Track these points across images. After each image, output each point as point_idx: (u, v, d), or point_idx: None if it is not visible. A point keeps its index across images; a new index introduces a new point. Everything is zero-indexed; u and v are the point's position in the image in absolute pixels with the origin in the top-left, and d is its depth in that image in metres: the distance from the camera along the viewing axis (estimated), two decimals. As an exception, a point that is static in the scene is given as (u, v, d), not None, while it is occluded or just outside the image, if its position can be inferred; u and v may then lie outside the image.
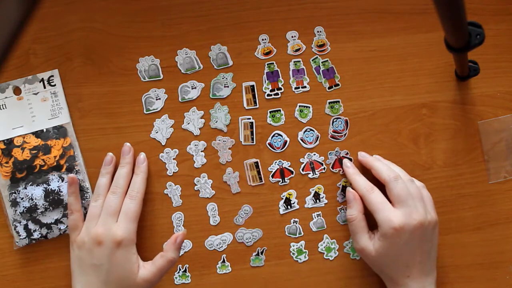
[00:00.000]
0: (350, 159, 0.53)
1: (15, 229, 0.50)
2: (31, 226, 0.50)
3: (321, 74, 0.53)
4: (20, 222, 0.50)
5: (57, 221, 0.50)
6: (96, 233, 0.46)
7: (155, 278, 0.46)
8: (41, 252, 0.51)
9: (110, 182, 0.50)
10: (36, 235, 0.50)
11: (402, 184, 0.47)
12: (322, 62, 0.53)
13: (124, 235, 0.46)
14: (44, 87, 0.51)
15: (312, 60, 0.53)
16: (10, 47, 0.20)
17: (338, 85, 0.53)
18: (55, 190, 0.50)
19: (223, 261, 0.52)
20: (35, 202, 0.50)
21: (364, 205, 0.49)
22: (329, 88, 0.53)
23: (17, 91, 0.51)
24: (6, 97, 0.51)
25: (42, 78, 0.51)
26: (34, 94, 0.51)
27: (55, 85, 0.51)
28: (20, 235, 0.50)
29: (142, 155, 0.51)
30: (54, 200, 0.50)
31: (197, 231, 0.52)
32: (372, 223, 0.48)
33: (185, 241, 0.52)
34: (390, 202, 0.47)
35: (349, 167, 0.52)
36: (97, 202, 0.48)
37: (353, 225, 0.49)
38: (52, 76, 0.51)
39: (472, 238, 0.53)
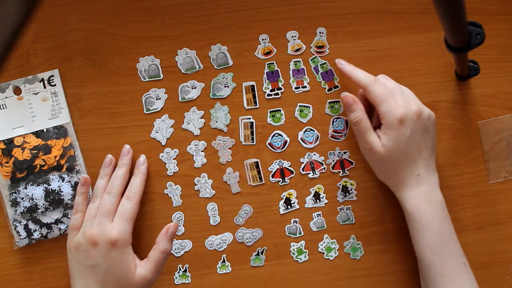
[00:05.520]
0: (351, 162, 0.53)
1: (15, 229, 0.50)
2: (31, 226, 0.50)
3: (320, 75, 0.53)
4: (20, 222, 0.50)
5: (57, 221, 0.50)
6: (91, 234, 0.46)
7: (152, 274, 0.46)
8: (41, 252, 0.51)
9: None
10: (36, 235, 0.50)
11: (383, 84, 0.48)
12: (320, 65, 0.53)
13: (119, 236, 0.45)
14: (44, 87, 0.51)
15: (311, 60, 0.53)
16: (10, 47, 0.20)
17: (337, 87, 0.53)
18: (55, 190, 0.50)
19: (223, 261, 0.52)
20: (36, 202, 0.50)
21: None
22: (328, 90, 0.53)
23: (17, 91, 0.51)
24: (6, 97, 0.51)
25: (42, 78, 0.51)
26: (34, 94, 0.51)
27: (55, 85, 0.51)
28: (20, 235, 0.50)
29: (142, 158, 0.51)
30: (54, 200, 0.50)
31: (197, 231, 0.52)
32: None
33: (185, 240, 0.52)
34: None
35: (345, 64, 0.51)
36: (94, 203, 0.48)
37: (360, 126, 0.48)
38: (52, 76, 0.51)
39: (472, 238, 0.53)
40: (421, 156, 0.47)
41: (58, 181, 0.50)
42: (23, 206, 0.50)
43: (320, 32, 0.53)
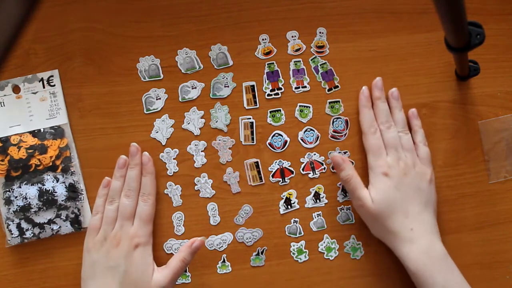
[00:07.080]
0: (352, 162, 0.53)
1: (7, 227, 0.50)
2: (24, 225, 0.50)
3: (320, 75, 0.53)
4: (13, 221, 0.50)
5: (50, 221, 0.50)
6: (114, 237, 0.47)
7: (168, 281, 0.46)
8: (40, 252, 0.51)
9: (123, 184, 0.50)
10: (28, 234, 0.50)
11: (379, 138, 0.49)
12: (320, 65, 0.53)
13: (141, 239, 0.47)
14: (44, 87, 0.51)
15: (311, 60, 0.53)
16: (10, 47, 0.20)
17: (337, 87, 0.53)
18: (49, 190, 0.50)
19: (223, 261, 0.52)
20: (29, 202, 0.50)
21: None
22: (328, 90, 0.53)
23: (16, 89, 0.51)
24: (5, 95, 0.51)
25: (42, 78, 0.51)
26: (33, 93, 0.51)
27: (54, 85, 0.51)
28: (12, 234, 0.50)
29: (146, 155, 0.51)
30: (48, 200, 0.50)
31: (197, 231, 0.52)
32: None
33: (185, 240, 0.52)
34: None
35: (363, 93, 0.51)
36: (112, 205, 0.49)
37: (351, 183, 0.49)
38: (52, 76, 0.51)
39: (472, 238, 0.53)
40: (413, 211, 0.47)
41: (53, 182, 0.50)
42: (16, 205, 0.50)
43: (320, 32, 0.53)
